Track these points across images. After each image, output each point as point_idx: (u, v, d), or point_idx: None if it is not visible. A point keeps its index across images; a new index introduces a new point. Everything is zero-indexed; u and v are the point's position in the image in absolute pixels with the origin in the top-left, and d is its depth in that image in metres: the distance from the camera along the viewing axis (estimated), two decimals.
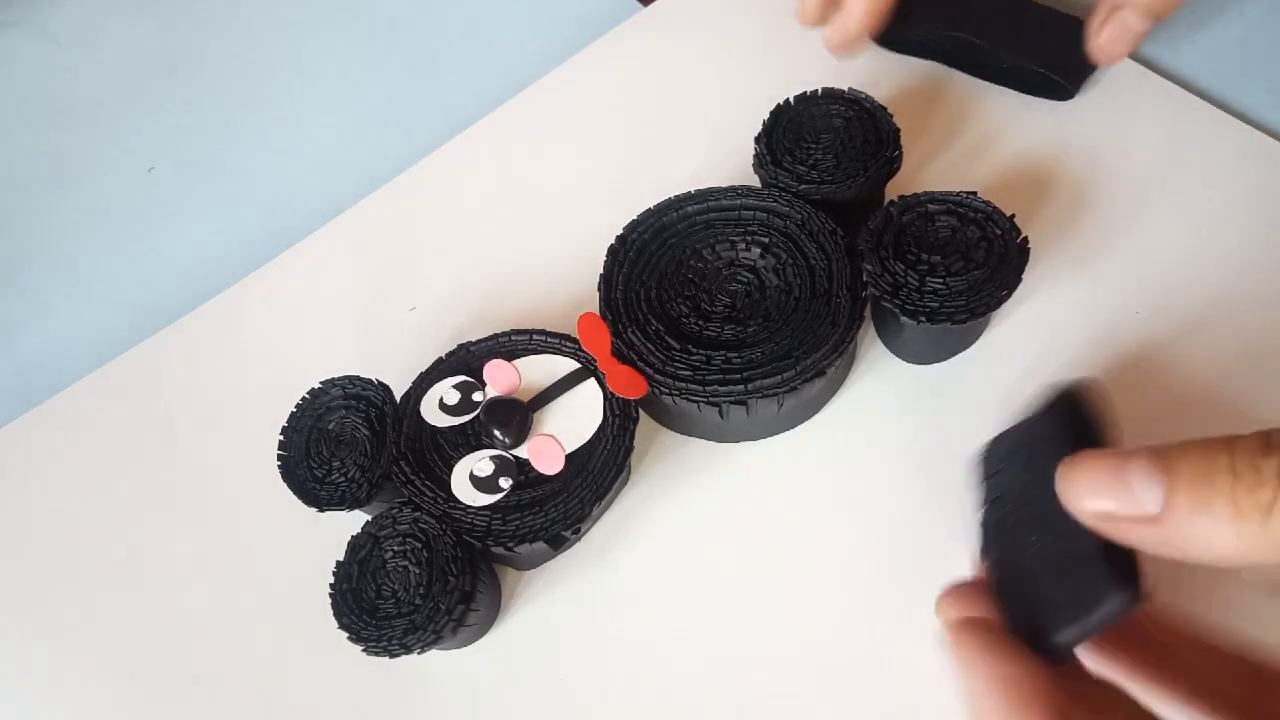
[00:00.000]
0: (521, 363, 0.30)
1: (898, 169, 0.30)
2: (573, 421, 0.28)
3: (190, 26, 0.46)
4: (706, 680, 0.26)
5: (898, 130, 0.30)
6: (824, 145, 0.30)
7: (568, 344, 0.30)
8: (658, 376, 0.27)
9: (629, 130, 0.37)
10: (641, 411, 0.30)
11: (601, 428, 0.28)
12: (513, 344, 0.30)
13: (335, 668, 0.28)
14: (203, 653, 0.29)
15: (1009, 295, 0.27)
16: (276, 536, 0.31)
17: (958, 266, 0.27)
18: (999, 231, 0.27)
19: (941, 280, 0.27)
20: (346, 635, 0.25)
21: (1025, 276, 0.27)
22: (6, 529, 0.33)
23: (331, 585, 0.26)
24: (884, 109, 0.30)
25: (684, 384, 0.27)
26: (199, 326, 0.36)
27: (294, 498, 0.28)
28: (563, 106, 0.39)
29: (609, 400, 0.28)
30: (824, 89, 0.31)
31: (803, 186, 0.29)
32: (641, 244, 0.30)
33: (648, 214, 0.31)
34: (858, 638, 0.26)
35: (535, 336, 0.30)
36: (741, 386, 0.27)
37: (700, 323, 0.28)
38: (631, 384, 0.28)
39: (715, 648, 0.27)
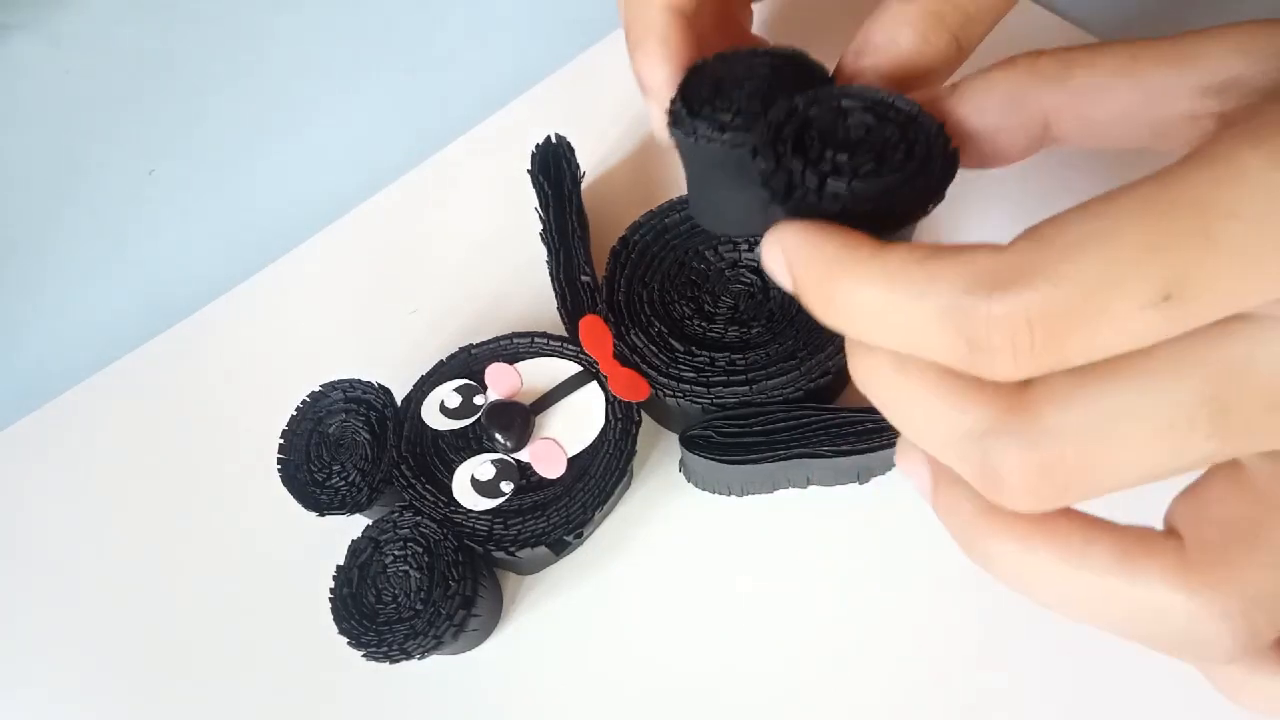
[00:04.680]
0: (523, 366, 0.29)
1: None
2: (575, 425, 0.28)
3: (192, 30, 0.46)
4: (709, 685, 0.26)
5: (829, 75, 0.26)
6: (749, 91, 0.25)
7: (569, 347, 0.29)
8: (661, 379, 0.27)
9: (631, 131, 0.37)
10: (644, 414, 0.29)
11: (603, 431, 0.28)
12: (514, 347, 0.30)
13: (335, 673, 0.28)
14: (201, 657, 0.29)
15: (927, 210, 0.22)
16: (276, 540, 0.30)
17: (867, 169, 0.22)
18: (923, 136, 0.22)
19: (845, 183, 0.22)
20: (346, 640, 0.25)
21: (959, 205, 0.24)
22: (7, 531, 0.33)
23: (331, 590, 0.26)
24: (811, 59, 0.26)
25: (688, 386, 0.27)
26: (199, 329, 0.36)
27: (294, 501, 0.28)
28: (564, 109, 0.38)
29: (611, 404, 0.28)
30: (746, 48, 0.26)
31: (727, 134, 0.24)
32: (644, 245, 0.30)
33: (650, 215, 0.30)
34: (866, 635, 0.26)
35: (537, 339, 0.30)
36: (746, 388, 0.26)
37: (704, 324, 0.28)
38: (633, 387, 0.28)
39: (718, 652, 0.27)
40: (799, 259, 0.19)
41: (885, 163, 0.22)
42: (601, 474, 0.27)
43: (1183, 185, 0.14)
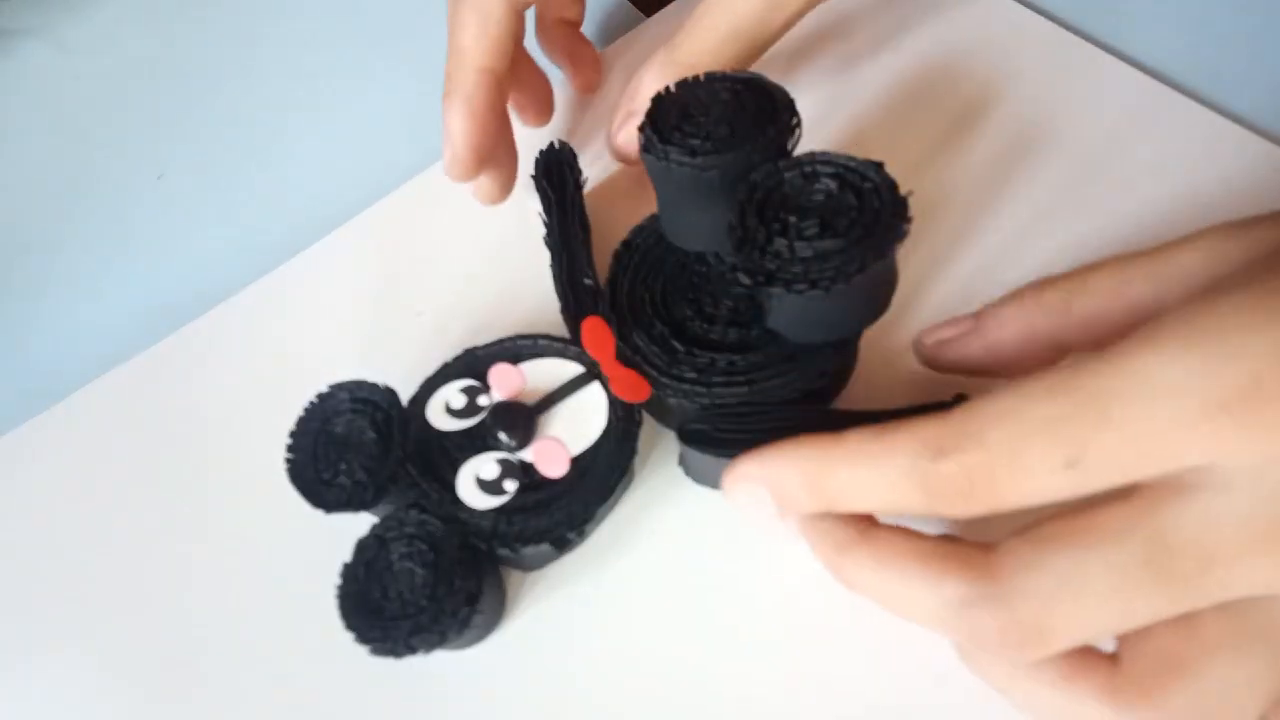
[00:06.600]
0: (527, 367, 0.30)
1: (797, 125, 0.26)
2: (577, 425, 0.29)
3: (199, 35, 0.47)
4: (709, 680, 0.27)
5: (790, 98, 0.27)
6: (715, 117, 0.26)
7: (572, 348, 0.30)
8: (663, 378, 0.27)
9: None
10: (645, 414, 0.30)
11: (605, 431, 0.28)
12: (518, 348, 0.30)
13: (341, 669, 0.28)
14: (209, 654, 0.30)
15: (865, 268, 0.23)
16: (283, 539, 0.31)
17: (811, 232, 0.23)
18: (876, 205, 0.23)
19: (788, 244, 0.23)
20: (353, 636, 0.25)
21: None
22: (14, 533, 0.33)
23: (338, 587, 0.26)
24: (770, 82, 0.27)
25: (688, 385, 0.27)
26: (207, 332, 0.36)
27: (301, 500, 0.28)
28: (567, 113, 0.39)
29: (613, 404, 0.29)
30: (706, 74, 0.28)
31: (699, 159, 0.26)
32: (646, 249, 0.30)
33: (652, 218, 0.31)
34: (866, 630, 0.27)
35: (540, 341, 0.30)
36: (746, 389, 0.27)
37: (704, 325, 0.29)
38: (635, 388, 0.28)
39: (718, 647, 0.27)
40: (779, 475, 0.22)
41: (829, 228, 0.24)
42: (603, 472, 0.28)
43: (1088, 373, 0.17)
